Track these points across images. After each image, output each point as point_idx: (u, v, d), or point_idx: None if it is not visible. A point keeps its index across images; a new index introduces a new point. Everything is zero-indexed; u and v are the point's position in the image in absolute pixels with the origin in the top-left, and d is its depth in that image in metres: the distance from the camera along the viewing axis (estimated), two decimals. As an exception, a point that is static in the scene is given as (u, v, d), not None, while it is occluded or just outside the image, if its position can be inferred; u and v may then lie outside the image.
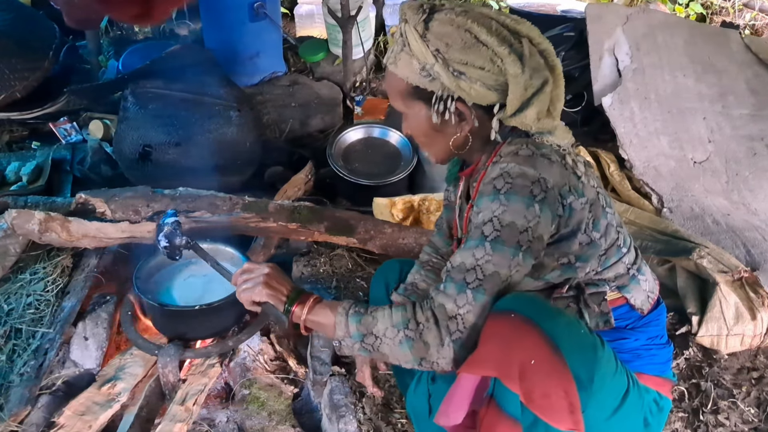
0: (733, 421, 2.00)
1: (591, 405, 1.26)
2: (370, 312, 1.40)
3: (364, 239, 2.49)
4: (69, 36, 3.91)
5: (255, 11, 3.77)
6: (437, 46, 1.35)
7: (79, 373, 2.12)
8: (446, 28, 1.36)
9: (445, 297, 1.32)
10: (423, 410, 1.69)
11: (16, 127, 3.53)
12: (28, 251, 2.39)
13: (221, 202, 2.42)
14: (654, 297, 1.57)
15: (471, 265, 1.31)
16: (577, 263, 1.44)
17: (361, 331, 1.39)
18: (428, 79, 1.39)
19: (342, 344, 1.42)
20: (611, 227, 1.46)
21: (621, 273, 1.50)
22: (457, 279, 1.32)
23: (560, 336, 1.23)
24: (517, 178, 1.31)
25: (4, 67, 3.35)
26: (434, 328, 1.31)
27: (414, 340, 1.33)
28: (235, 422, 2.02)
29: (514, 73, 1.32)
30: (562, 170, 1.34)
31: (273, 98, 3.79)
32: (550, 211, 1.31)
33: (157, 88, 2.85)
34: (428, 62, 1.37)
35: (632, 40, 3.50)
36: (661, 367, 1.56)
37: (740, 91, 3.51)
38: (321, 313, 1.46)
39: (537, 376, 1.20)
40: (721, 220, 2.90)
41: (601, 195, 1.44)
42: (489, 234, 1.31)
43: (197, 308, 2.02)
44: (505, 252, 1.29)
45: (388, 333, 1.35)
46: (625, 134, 3.18)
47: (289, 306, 1.49)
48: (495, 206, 1.31)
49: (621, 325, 1.52)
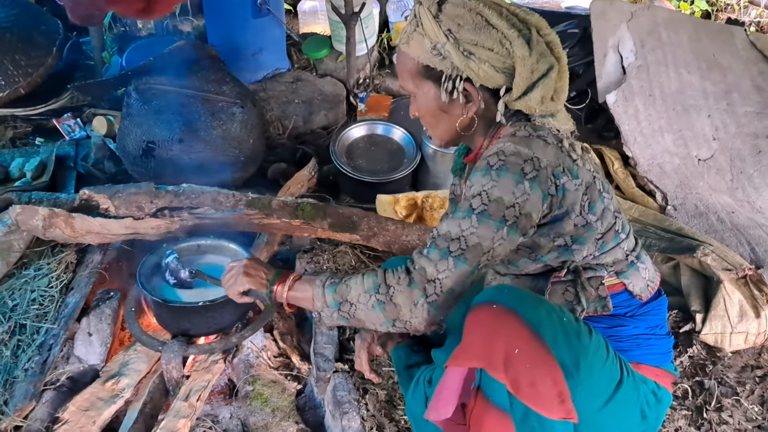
0: (737, 419, 2.00)
1: (580, 393, 1.27)
2: (344, 281, 1.47)
3: (368, 236, 2.49)
4: (73, 32, 3.91)
5: (258, 7, 3.76)
6: (449, 26, 1.40)
7: (83, 368, 2.13)
8: (459, 10, 1.40)
9: (427, 261, 1.37)
10: (421, 414, 1.69)
11: (20, 123, 3.53)
12: (33, 247, 2.40)
13: (224, 199, 2.42)
14: (654, 286, 1.58)
15: (456, 234, 1.36)
16: (574, 245, 1.46)
17: (337, 300, 1.46)
18: (439, 58, 1.43)
19: (321, 315, 1.49)
20: (608, 211, 1.48)
21: (619, 258, 1.52)
22: (441, 246, 1.37)
23: (542, 324, 1.26)
24: (510, 156, 1.35)
25: (8, 64, 3.35)
26: (405, 289, 1.37)
27: (385, 303, 1.39)
28: (238, 418, 2.02)
29: (521, 56, 1.37)
30: (557, 151, 1.38)
31: (276, 95, 3.78)
32: (540, 190, 1.34)
33: (160, 85, 2.85)
34: (440, 41, 1.41)
35: (637, 37, 3.49)
36: (660, 357, 1.56)
37: (745, 89, 3.50)
38: (300, 288, 1.55)
39: (522, 364, 1.22)
40: (725, 217, 2.89)
41: (598, 180, 1.47)
42: (477, 207, 1.35)
43: (201, 304, 2.03)
44: (490, 225, 1.33)
45: (362, 299, 1.43)
46: (629, 131, 3.17)
47: (271, 286, 1.58)
48: (485, 180, 1.35)
49: (620, 312, 1.53)
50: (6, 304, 2.22)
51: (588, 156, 1.48)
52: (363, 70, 4.01)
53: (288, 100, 3.76)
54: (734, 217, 2.89)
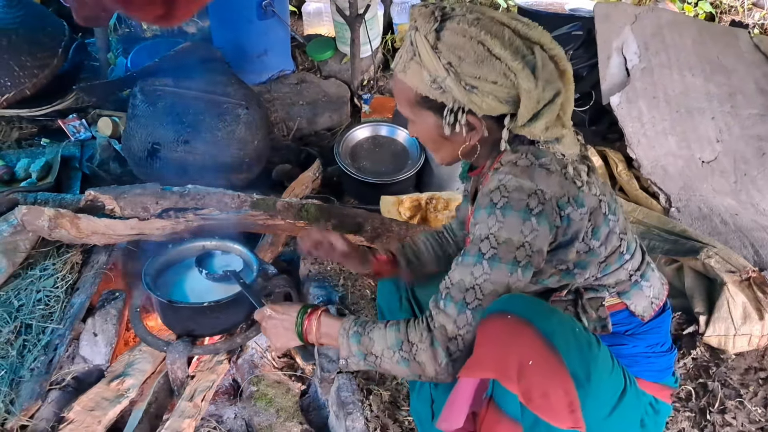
0: (740, 421, 2.00)
1: (589, 403, 1.26)
2: (367, 332, 1.43)
3: (372, 237, 2.50)
4: (78, 33, 3.92)
5: (263, 9, 3.77)
6: (449, 59, 1.32)
7: (89, 368, 2.13)
8: (459, 39, 1.32)
9: (446, 318, 1.33)
10: (426, 415, 1.70)
11: (26, 124, 3.55)
12: (38, 248, 2.41)
13: (229, 200, 2.43)
14: (659, 303, 1.54)
15: (470, 283, 1.31)
16: (576, 270, 1.44)
17: (362, 351, 1.43)
18: (439, 91, 1.36)
19: (348, 361, 1.46)
20: (613, 234, 1.44)
21: (622, 279, 1.49)
22: (456, 298, 1.32)
23: (556, 335, 1.23)
24: (514, 192, 1.30)
25: (14, 65, 3.37)
26: (428, 349, 1.34)
27: (409, 360, 1.36)
28: (242, 419, 2.03)
29: (527, 89, 1.30)
30: (561, 180, 1.33)
31: (281, 96, 3.80)
32: (547, 223, 1.31)
33: (165, 86, 2.86)
34: (440, 75, 1.34)
35: (641, 39, 3.49)
36: (658, 374, 1.54)
37: (749, 91, 3.50)
38: (327, 337, 1.52)
39: (535, 375, 1.21)
40: (729, 220, 2.89)
41: (603, 202, 1.41)
42: (486, 251, 1.31)
43: (206, 305, 2.03)
44: (503, 269, 1.30)
45: (386, 353, 1.39)
46: (633, 134, 3.18)
47: (301, 339, 1.56)
48: (491, 222, 1.31)
49: (620, 330, 1.51)
50: (12, 304, 2.23)
51: (594, 178, 1.42)
52: (367, 72, 4.03)
53: (292, 101, 3.77)
54: (738, 220, 2.89)
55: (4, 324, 2.16)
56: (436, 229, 1.97)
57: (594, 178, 1.42)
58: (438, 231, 1.96)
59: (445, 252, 1.93)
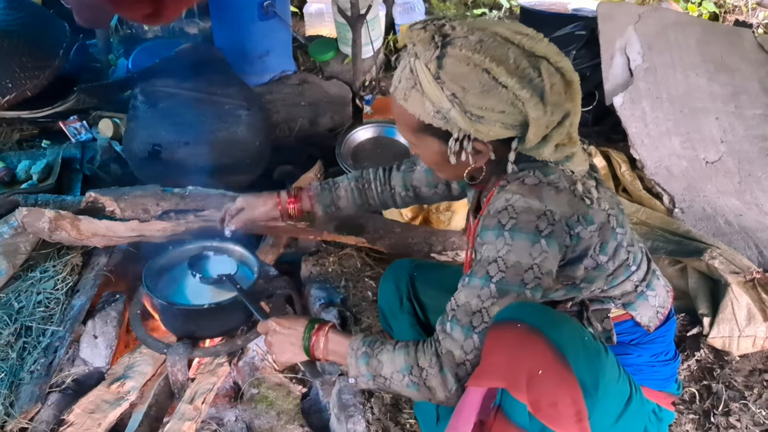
0: (745, 423, 1.99)
1: (596, 411, 1.25)
2: (375, 353, 1.42)
3: (373, 238, 2.49)
4: (79, 35, 3.92)
5: (264, 10, 3.76)
6: (453, 90, 1.27)
7: (89, 371, 2.12)
8: (462, 68, 1.26)
9: (453, 343, 1.31)
10: (431, 416, 1.69)
11: (27, 125, 3.54)
12: (39, 249, 2.40)
13: (230, 201, 2.42)
14: (664, 311, 1.53)
15: (477, 307, 1.30)
16: (582, 284, 1.43)
17: (370, 372, 1.42)
18: (443, 121, 1.32)
19: (358, 380, 1.45)
20: (620, 248, 1.42)
21: (628, 291, 1.48)
22: (463, 322, 1.31)
23: (566, 344, 1.22)
24: (522, 214, 1.28)
25: (15, 66, 3.36)
26: (438, 375, 1.33)
27: (419, 385, 1.35)
28: (243, 421, 2.02)
29: (536, 117, 1.27)
30: (570, 198, 1.31)
31: (282, 97, 3.79)
32: (557, 244, 1.29)
33: (166, 87, 2.85)
34: (443, 107, 1.29)
35: (644, 39, 3.47)
36: (662, 383, 1.54)
37: (753, 91, 3.48)
38: (334, 356, 1.52)
39: (544, 385, 1.20)
40: (733, 220, 2.87)
41: (612, 217, 1.39)
42: (494, 275, 1.29)
43: (206, 307, 2.02)
44: (511, 293, 1.28)
45: (395, 377, 1.38)
46: (636, 134, 3.16)
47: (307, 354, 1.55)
48: (500, 245, 1.29)
49: (625, 340, 1.50)
50: (12, 306, 2.22)
51: (602, 191, 1.39)
52: (369, 73, 4.02)
53: (294, 102, 3.76)
54: (742, 220, 2.88)
55: (4, 326, 2.15)
56: (356, 177, 1.94)
57: (602, 191, 1.39)
58: (362, 172, 1.93)
59: (365, 201, 1.92)
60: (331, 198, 1.93)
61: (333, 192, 1.93)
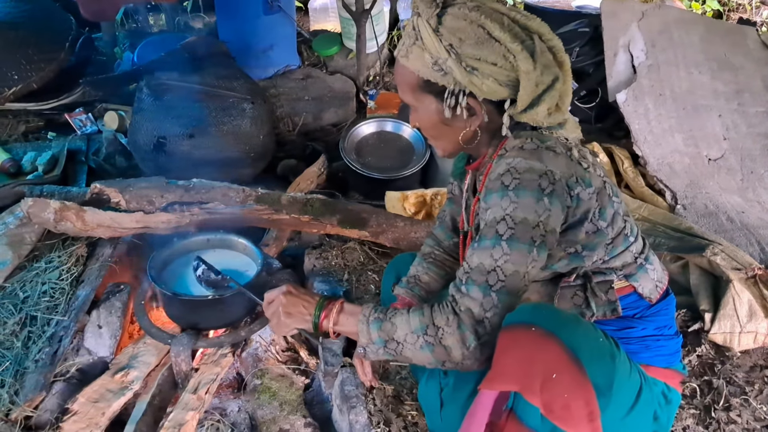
0: (745, 419, 1.99)
1: (609, 409, 1.26)
2: (389, 317, 1.41)
3: (376, 232, 2.50)
4: (85, 28, 3.94)
5: (269, 4, 3.78)
6: (450, 40, 1.35)
7: (93, 360, 2.14)
8: (459, 22, 1.35)
9: (471, 300, 1.31)
10: (434, 403, 1.69)
11: (33, 117, 3.56)
12: (44, 240, 2.42)
13: (234, 194, 2.43)
14: (662, 286, 1.56)
15: (490, 266, 1.31)
16: (584, 252, 1.44)
17: (382, 337, 1.40)
18: (440, 74, 1.38)
19: (366, 350, 1.43)
20: (618, 216, 1.46)
21: (628, 262, 1.50)
22: (479, 281, 1.31)
23: (580, 346, 1.23)
24: (525, 173, 1.31)
25: (21, 58, 3.38)
26: (456, 332, 1.31)
27: (434, 345, 1.34)
28: (246, 412, 2.03)
29: (525, 70, 1.32)
30: (568, 161, 1.35)
31: (286, 91, 3.79)
32: (559, 203, 1.32)
33: (171, 80, 2.86)
34: (441, 57, 1.36)
35: (647, 36, 3.48)
36: (669, 358, 1.55)
37: (756, 89, 3.49)
38: (345, 323, 1.48)
39: (558, 388, 1.21)
40: (735, 217, 2.88)
41: (608, 184, 1.44)
42: (504, 232, 1.30)
43: (210, 298, 2.04)
44: (522, 249, 1.29)
45: (408, 338, 1.37)
46: (639, 131, 3.17)
47: (316, 321, 1.51)
48: (505, 203, 1.31)
49: (629, 314, 1.52)
50: (17, 296, 2.24)
51: (597, 161, 1.45)
52: (373, 68, 4.02)
53: (298, 96, 3.77)
54: (744, 217, 2.88)
55: (10, 315, 2.17)
56: (422, 256, 1.91)
57: (595, 161, 1.44)
58: (425, 253, 1.91)
59: (449, 268, 1.89)
60: (424, 290, 1.87)
61: (422, 285, 1.87)
